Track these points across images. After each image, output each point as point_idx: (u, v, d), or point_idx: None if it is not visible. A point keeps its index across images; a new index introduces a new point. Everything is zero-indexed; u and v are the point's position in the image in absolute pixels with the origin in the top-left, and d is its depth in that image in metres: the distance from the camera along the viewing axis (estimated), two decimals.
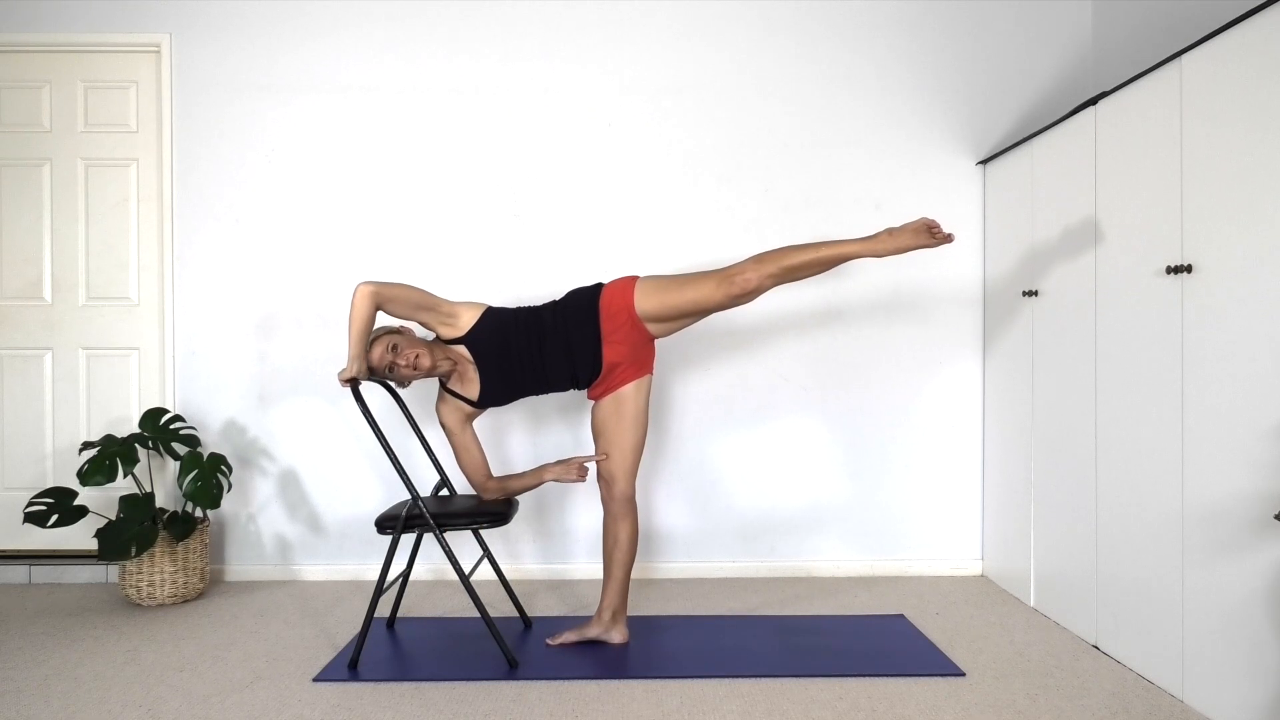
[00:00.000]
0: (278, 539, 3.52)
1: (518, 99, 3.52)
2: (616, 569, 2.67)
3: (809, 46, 3.53)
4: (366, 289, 2.46)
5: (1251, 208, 2.00)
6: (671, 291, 2.54)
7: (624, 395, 2.63)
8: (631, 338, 2.57)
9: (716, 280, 2.49)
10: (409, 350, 2.51)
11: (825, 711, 2.23)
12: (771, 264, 2.47)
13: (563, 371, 2.60)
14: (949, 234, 2.42)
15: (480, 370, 2.60)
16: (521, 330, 2.59)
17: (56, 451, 3.58)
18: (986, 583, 3.41)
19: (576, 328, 2.57)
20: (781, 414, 3.52)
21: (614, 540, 2.67)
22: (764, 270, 2.47)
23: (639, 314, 2.54)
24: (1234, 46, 2.06)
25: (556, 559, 3.52)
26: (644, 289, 2.56)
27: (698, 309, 2.56)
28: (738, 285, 2.46)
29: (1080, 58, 3.54)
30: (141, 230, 3.59)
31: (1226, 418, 2.08)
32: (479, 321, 2.59)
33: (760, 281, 2.47)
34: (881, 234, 2.45)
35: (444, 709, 2.25)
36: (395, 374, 2.54)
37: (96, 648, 2.73)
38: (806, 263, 2.48)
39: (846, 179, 3.52)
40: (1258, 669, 2.00)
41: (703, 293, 2.51)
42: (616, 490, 2.66)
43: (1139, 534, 2.42)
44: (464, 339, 2.58)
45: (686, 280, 2.56)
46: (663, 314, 2.55)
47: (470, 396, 2.64)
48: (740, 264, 2.50)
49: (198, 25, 3.51)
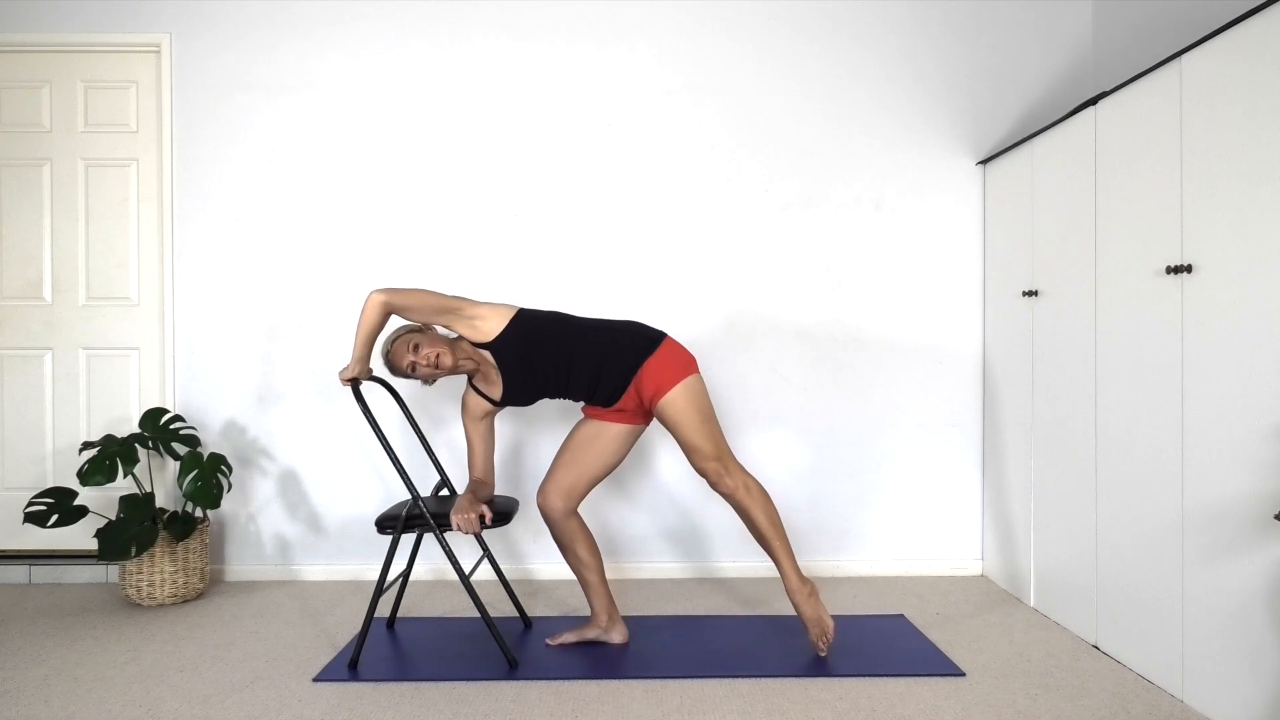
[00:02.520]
0: (278, 539, 3.52)
1: (518, 99, 3.52)
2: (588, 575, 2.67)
3: (809, 47, 3.53)
4: (378, 299, 2.43)
5: (1251, 208, 2.00)
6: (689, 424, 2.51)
7: (612, 430, 2.63)
8: (640, 406, 2.59)
9: (715, 456, 2.51)
10: (429, 350, 2.49)
11: (825, 711, 2.23)
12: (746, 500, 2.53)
13: (583, 390, 2.59)
14: (823, 650, 2.56)
15: (504, 374, 2.57)
16: (552, 342, 2.53)
17: (56, 451, 3.58)
18: (986, 583, 3.41)
19: (613, 365, 2.53)
20: (781, 414, 3.52)
21: (572, 554, 2.66)
22: (739, 497, 2.53)
23: (658, 406, 2.52)
24: (1234, 46, 2.06)
25: (556, 559, 3.51)
26: (678, 397, 2.50)
27: (684, 449, 2.55)
28: (717, 478, 2.52)
29: (1080, 58, 3.54)
30: (141, 230, 3.59)
31: (1226, 418, 2.08)
32: (507, 328, 2.51)
33: (729, 495, 2.54)
34: (808, 584, 2.55)
35: (444, 709, 2.25)
36: (416, 373, 2.53)
37: (96, 648, 2.73)
38: (758, 529, 2.55)
39: (846, 179, 3.52)
40: (1258, 669, 2.00)
41: (701, 451, 2.51)
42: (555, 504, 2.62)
43: (1139, 534, 2.42)
44: (490, 345, 2.52)
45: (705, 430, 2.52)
46: (667, 424, 2.54)
47: (493, 396, 2.63)
48: (736, 471, 2.53)
49: (198, 25, 3.51)
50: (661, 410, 2.52)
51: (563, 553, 2.69)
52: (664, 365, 2.52)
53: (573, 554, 2.66)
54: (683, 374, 2.53)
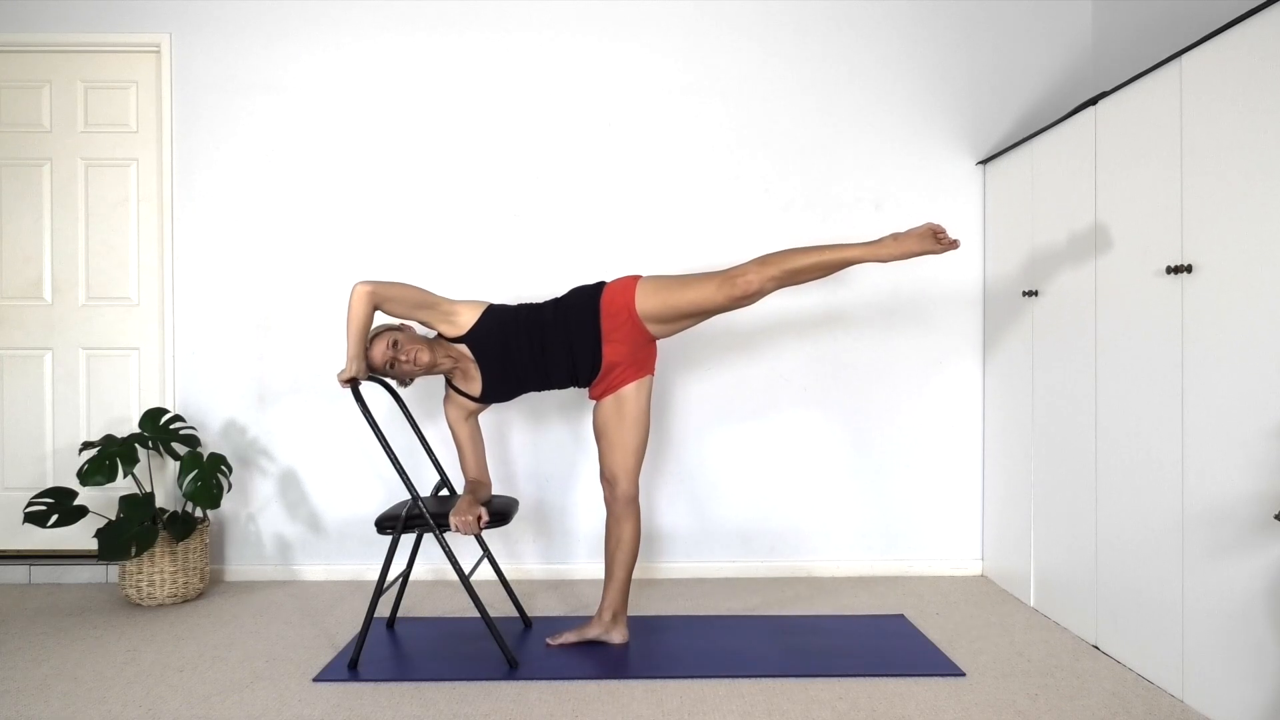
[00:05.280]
0: (278, 539, 3.52)
1: (518, 99, 3.51)
2: (619, 569, 2.67)
3: (809, 47, 3.53)
4: (363, 289, 2.47)
5: (1251, 208, 2.00)
6: (673, 291, 2.54)
7: (625, 396, 2.63)
8: (632, 337, 2.57)
9: (718, 281, 2.49)
10: (409, 347, 2.51)
11: (825, 711, 2.23)
12: (774, 266, 2.47)
13: (563, 369, 2.61)
14: (955, 240, 2.43)
15: (481, 368, 2.60)
16: (523, 328, 2.59)
17: (56, 451, 3.58)
18: (986, 583, 3.41)
19: (578, 325, 2.57)
20: (782, 414, 3.52)
21: (616, 541, 2.67)
22: (766, 273, 2.46)
23: (639, 313, 2.54)
24: (1234, 46, 2.06)
25: (557, 559, 3.52)
26: (645, 289, 2.56)
27: (699, 310, 2.55)
28: (739, 287, 2.46)
29: (1080, 58, 3.54)
30: (141, 230, 3.59)
31: (1226, 418, 2.08)
32: (480, 320, 2.58)
33: (762, 284, 2.47)
34: (886, 239, 2.45)
35: (444, 709, 2.25)
36: (396, 371, 2.54)
37: (96, 648, 2.73)
38: (809, 266, 2.48)
39: (846, 179, 3.52)
40: (1258, 669, 2.00)
41: (704, 293, 2.50)
42: (619, 491, 2.66)
43: (1139, 534, 2.42)
44: (465, 337, 2.58)
45: (688, 281, 2.55)
46: (663, 314, 2.55)
47: (473, 393, 2.65)
48: (743, 265, 2.50)
49: (198, 25, 3.51)
50: (645, 311, 2.54)
51: (607, 538, 2.69)
52: (615, 289, 2.60)
53: (618, 542, 2.66)
54: (634, 279, 2.60)
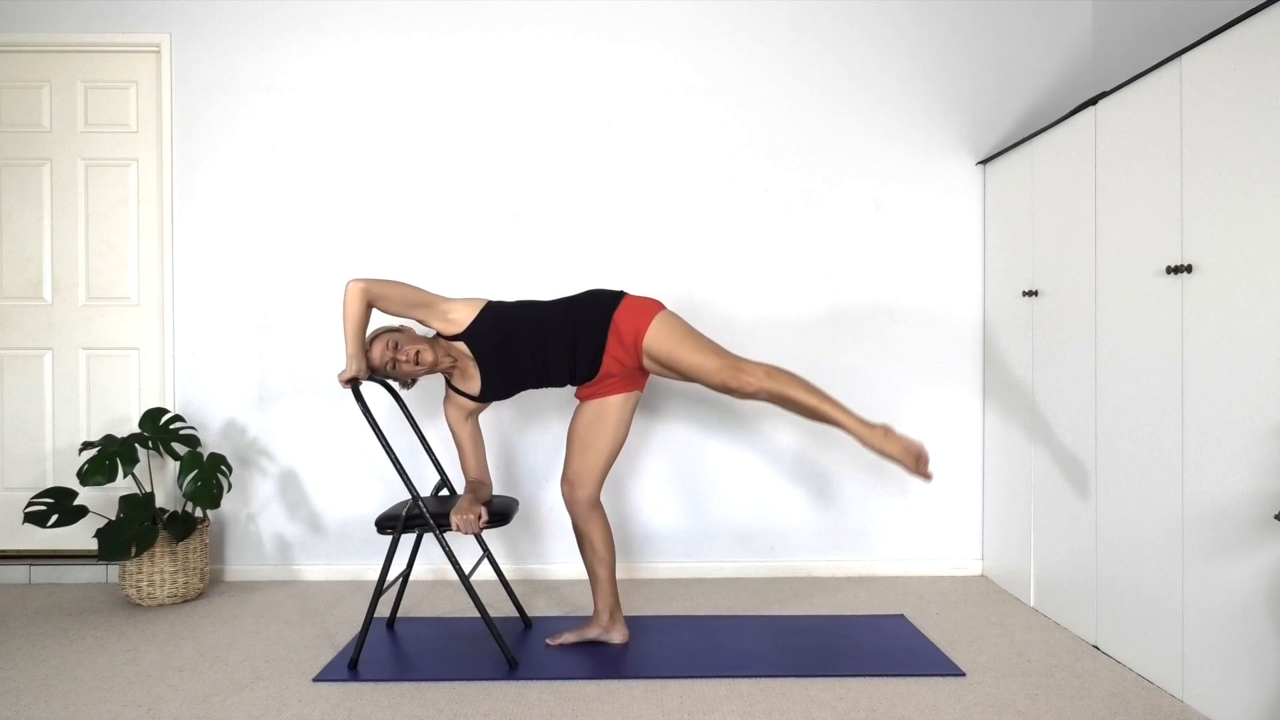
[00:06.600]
0: (278, 539, 3.52)
1: (518, 98, 3.51)
2: (599, 570, 2.67)
3: (808, 47, 3.53)
4: (357, 286, 2.46)
5: (1251, 208, 2.00)
6: (681, 345, 2.51)
7: (610, 404, 2.63)
8: (630, 361, 2.57)
9: (724, 364, 2.48)
10: (410, 346, 2.50)
11: (825, 711, 2.23)
12: (777, 384, 2.47)
13: (563, 369, 2.60)
14: (930, 473, 2.45)
15: (480, 366, 2.59)
16: (524, 326, 2.58)
17: (56, 451, 3.58)
18: (986, 583, 3.41)
19: (586, 329, 2.55)
20: (781, 414, 3.52)
21: (588, 545, 2.66)
22: (767, 385, 2.46)
23: (644, 347, 2.53)
24: (1234, 46, 2.06)
25: (557, 559, 3.51)
26: (659, 328, 2.53)
27: (693, 376, 2.53)
28: (739, 381, 2.46)
29: (1080, 58, 3.54)
30: (141, 230, 3.59)
31: (1226, 418, 2.08)
32: (478, 317, 2.57)
33: (757, 391, 2.47)
34: (879, 429, 2.45)
35: (444, 709, 2.25)
36: (397, 371, 2.54)
37: (96, 648, 2.73)
38: (804, 404, 2.47)
39: (847, 179, 3.52)
40: (1258, 669, 2.00)
41: (706, 366, 2.49)
42: (581, 494, 2.64)
43: (1139, 534, 2.42)
44: (463, 335, 2.57)
45: (699, 344, 2.53)
46: (662, 359, 2.54)
47: (472, 392, 2.64)
48: (752, 365, 2.50)
49: (198, 25, 3.51)
50: (650, 348, 2.52)
51: (579, 543, 2.69)
52: (633, 310, 2.56)
53: (589, 545, 2.66)
54: (654, 309, 2.56)
